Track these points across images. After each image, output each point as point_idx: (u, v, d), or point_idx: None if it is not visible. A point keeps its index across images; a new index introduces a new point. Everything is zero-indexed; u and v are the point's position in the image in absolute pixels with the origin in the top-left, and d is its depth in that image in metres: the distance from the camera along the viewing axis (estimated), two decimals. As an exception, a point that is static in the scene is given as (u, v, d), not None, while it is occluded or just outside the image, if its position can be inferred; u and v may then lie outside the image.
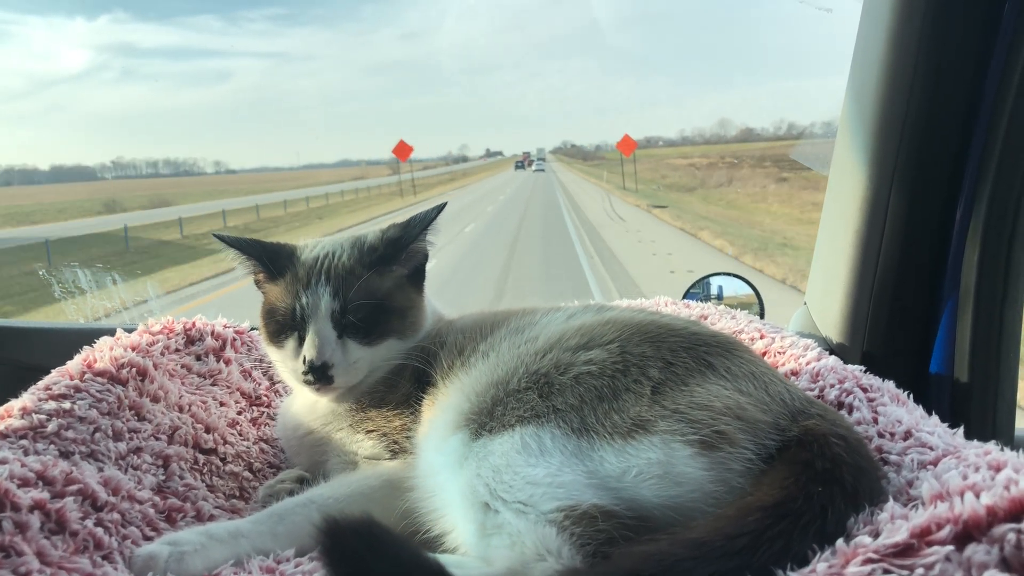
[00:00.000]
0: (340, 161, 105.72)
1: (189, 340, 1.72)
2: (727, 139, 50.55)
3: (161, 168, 63.07)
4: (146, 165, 63.66)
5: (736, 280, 2.32)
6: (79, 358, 1.44)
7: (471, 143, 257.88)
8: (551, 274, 12.85)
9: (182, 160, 74.51)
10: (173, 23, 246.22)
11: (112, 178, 55.15)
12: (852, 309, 1.72)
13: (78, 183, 51.13)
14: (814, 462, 0.94)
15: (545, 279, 12.24)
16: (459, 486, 1.07)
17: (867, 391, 1.30)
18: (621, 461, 0.97)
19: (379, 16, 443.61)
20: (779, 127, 27.81)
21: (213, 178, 68.15)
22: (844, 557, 0.79)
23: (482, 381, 1.19)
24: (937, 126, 1.53)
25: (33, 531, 0.97)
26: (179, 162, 69.75)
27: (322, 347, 1.34)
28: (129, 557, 1.07)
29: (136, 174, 60.26)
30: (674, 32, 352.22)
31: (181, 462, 1.37)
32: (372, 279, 1.40)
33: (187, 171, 68.41)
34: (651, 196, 25.85)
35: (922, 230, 1.59)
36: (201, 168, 77.78)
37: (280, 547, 1.14)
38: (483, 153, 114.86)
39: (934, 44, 1.49)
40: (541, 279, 12.24)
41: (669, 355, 1.10)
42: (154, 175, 60.28)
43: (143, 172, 60.93)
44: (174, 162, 66.90)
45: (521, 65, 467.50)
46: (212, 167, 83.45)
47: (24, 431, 1.20)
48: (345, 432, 1.40)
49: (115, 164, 58.47)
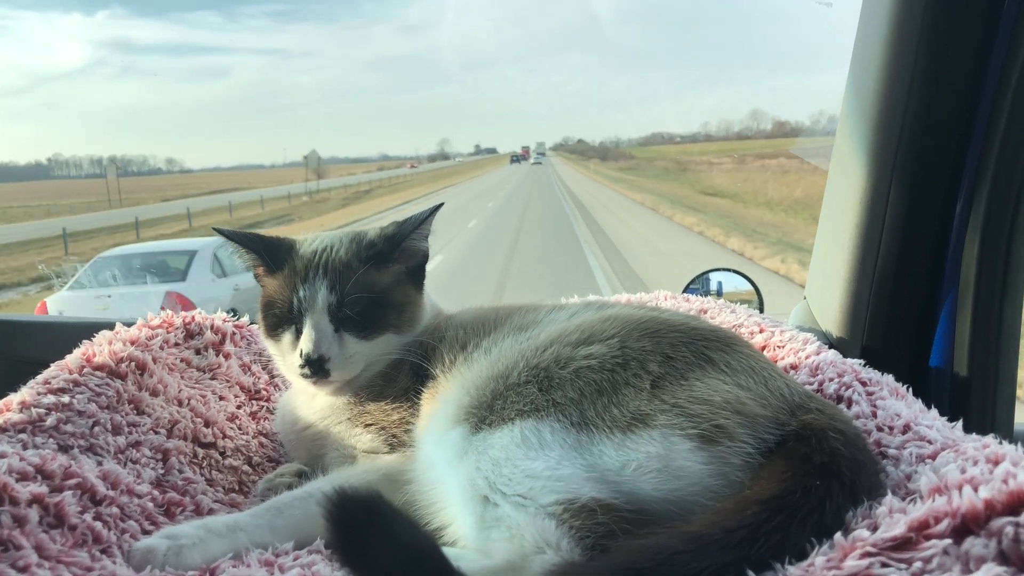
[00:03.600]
0: (327, 159, 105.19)
1: (188, 334, 1.71)
2: (763, 133, 44.23)
3: (106, 167, 59.59)
4: (89, 163, 61.05)
5: (735, 275, 2.33)
6: (78, 352, 1.44)
7: (459, 138, 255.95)
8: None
9: (132, 158, 72.10)
10: (171, 19, 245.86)
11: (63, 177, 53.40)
12: (852, 303, 1.72)
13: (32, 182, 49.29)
14: (812, 456, 0.95)
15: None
16: (458, 479, 1.07)
17: (866, 385, 1.30)
18: (620, 455, 0.98)
19: (379, 12, 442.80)
20: (817, 121, 23.46)
21: (167, 178, 66.38)
22: (842, 551, 0.79)
23: (482, 375, 1.19)
24: (937, 120, 1.53)
25: (32, 525, 0.97)
26: (128, 160, 67.11)
27: (318, 340, 1.35)
28: (128, 551, 1.07)
29: (77, 174, 57.69)
30: (694, 23, 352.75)
31: (180, 456, 1.37)
32: (369, 274, 1.40)
33: (135, 171, 65.30)
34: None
35: (922, 224, 1.59)
36: (153, 166, 75.85)
37: (279, 540, 1.14)
38: (472, 150, 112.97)
39: (934, 37, 1.48)
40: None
41: (669, 350, 1.10)
42: (97, 175, 56.99)
43: (85, 171, 58.21)
44: (123, 160, 64.39)
45: (520, 60, 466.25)
46: (164, 165, 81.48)
47: (23, 425, 1.20)
48: (344, 426, 1.40)
49: (52, 161, 56.00)
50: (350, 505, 0.88)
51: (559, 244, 17.42)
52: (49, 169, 52.60)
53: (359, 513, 0.87)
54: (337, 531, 0.86)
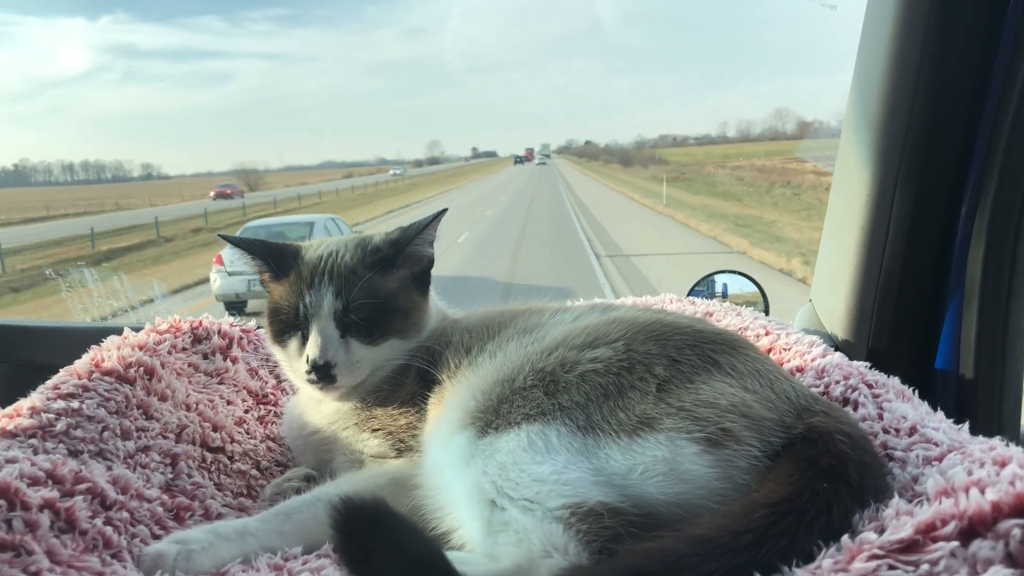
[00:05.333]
0: (323, 163, 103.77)
1: (196, 339, 1.72)
2: (786, 135, 31.26)
3: (78, 172, 57.47)
4: (61, 169, 58.62)
5: (741, 277, 2.32)
6: (87, 357, 1.45)
7: (458, 141, 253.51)
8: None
9: (107, 163, 69.30)
10: (175, 24, 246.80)
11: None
12: (857, 306, 1.72)
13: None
14: (819, 459, 0.95)
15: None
16: (465, 484, 1.07)
17: (872, 387, 1.30)
18: (627, 458, 0.98)
19: (382, 16, 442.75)
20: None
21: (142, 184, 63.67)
22: (849, 553, 0.79)
23: (488, 379, 1.20)
24: (942, 122, 1.53)
25: (43, 530, 0.98)
26: (102, 165, 64.37)
27: (325, 346, 1.35)
28: (138, 555, 1.07)
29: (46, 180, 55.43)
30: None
31: (189, 460, 1.37)
32: (375, 279, 1.41)
33: (108, 177, 62.51)
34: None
35: (927, 226, 1.59)
36: (127, 172, 73.76)
37: (288, 545, 1.15)
38: (470, 153, 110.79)
39: (939, 39, 1.48)
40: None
41: (674, 353, 1.10)
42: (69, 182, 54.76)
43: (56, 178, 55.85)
44: (96, 165, 61.81)
45: (525, 63, 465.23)
46: (140, 171, 79.04)
47: (33, 430, 1.21)
48: (351, 431, 1.40)
49: (17, 168, 53.70)
50: (355, 513, 0.88)
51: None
52: (26, 175, 51.22)
53: (365, 521, 0.88)
54: (343, 539, 0.86)
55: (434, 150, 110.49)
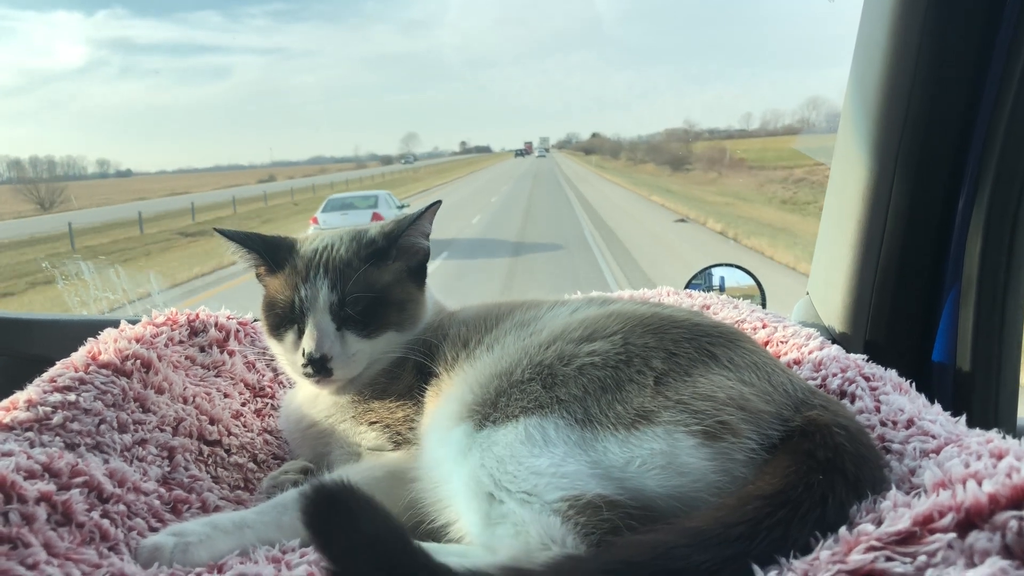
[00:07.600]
0: (313, 158, 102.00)
1: (193, 332, 1.72)
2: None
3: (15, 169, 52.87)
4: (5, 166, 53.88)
5: (738, 270, 2.32)
6: (83, 350, 1.45)
7: (450, 136, 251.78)
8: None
9: (59, 160, 64.69)
10: (172, 19, 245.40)
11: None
12: (854, 298, 1.72)
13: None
14: (816, 451, 0.95)
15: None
16: (463, 476, 1.07)
17: (869, 380, 1.31)
18: (625, 451, 0.98)
19: (381, 11, 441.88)
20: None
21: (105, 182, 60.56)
22: (847, 545, 0.80)
23: (486, 372, 1.19)
24: (939, 115, 1.52)
25: (40, 523, 0.97)
26: (55, 163, 59.92)
27: (321, 340, 1.35)
28: (135, 548, 1.07)
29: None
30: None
31: (186, 453, 1.37)
32: (370, 272, 1.41)
33: (60, 175, 58.02)
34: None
35: (924, 219, 1.59)
36: (82, 168, 69.80)
37: (285, 537, 1.15)
38: (458, 148, 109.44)
39: (936, 30, 1.48)
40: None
41: (672, 346, 1.10)
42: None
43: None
44: (48, 162, 57.61)
45: (522, 58, 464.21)
46: (95, 168, 74.65)
47: (30, 423, 1.20)
48: (348, 424, 1.40)
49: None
50: (323, 496, 0.89)
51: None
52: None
53: (331, 503, 0.88)
54: (310, 520, 0.87)
55: (410, 143, 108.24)
